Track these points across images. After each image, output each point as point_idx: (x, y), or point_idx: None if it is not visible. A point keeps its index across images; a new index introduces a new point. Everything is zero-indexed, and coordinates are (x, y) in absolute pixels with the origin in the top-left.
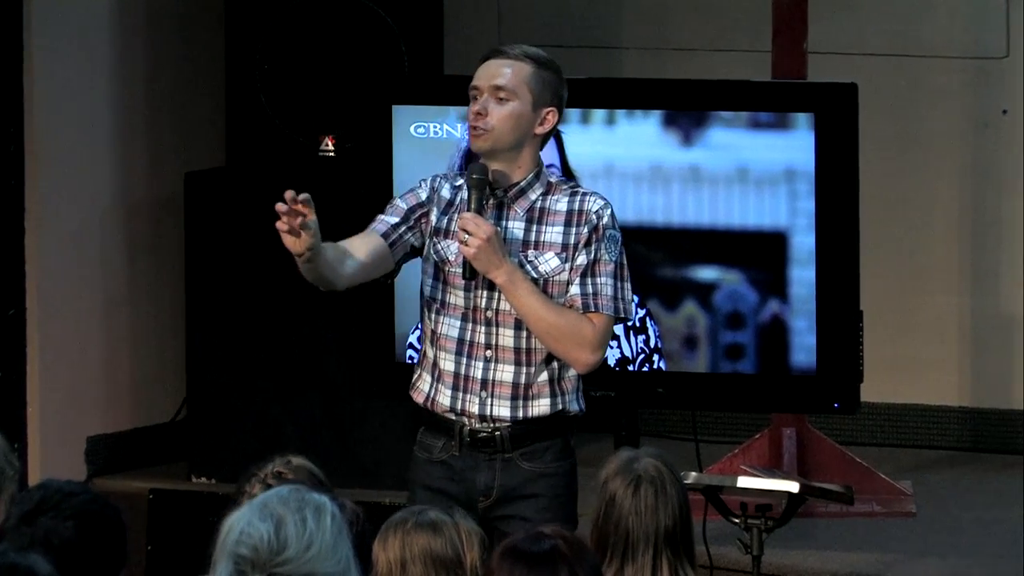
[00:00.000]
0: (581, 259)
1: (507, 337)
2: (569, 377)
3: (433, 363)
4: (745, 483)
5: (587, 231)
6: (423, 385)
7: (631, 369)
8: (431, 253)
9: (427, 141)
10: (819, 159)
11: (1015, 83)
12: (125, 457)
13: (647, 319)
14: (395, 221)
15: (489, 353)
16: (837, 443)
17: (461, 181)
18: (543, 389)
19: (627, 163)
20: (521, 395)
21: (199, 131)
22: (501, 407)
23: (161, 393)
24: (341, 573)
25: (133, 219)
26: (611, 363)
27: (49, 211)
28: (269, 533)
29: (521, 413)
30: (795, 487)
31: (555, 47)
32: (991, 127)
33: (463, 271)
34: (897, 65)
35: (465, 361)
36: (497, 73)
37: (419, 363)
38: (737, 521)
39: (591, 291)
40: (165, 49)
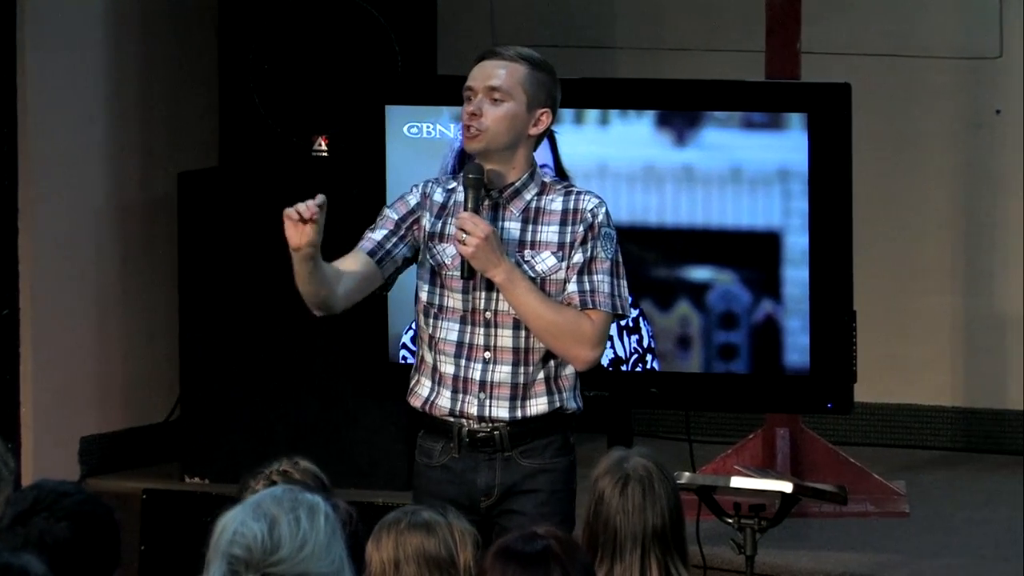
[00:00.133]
0: (578, 257)
1: (506, 338)
2: (566, 375)
3: (432, 367)
4: (739, 483)
5: (583, 229)
6: (422, 390)
7: (624, 369)
8: (427, 258)
9: (420, 141)
10: (812, 159)
11: (1009, 83)
12: (119, 457)
13: (640, 319)
14: (382, 236)
15: (488, 355)
16: (830, 443)
17: (453, 184)
18: (540, 388)
19: (621, 163)
20: (520, 395)
21: (192, 131)
22: (499, 408)
23: (154, 393)
24: (335, 573)
25: (126, 219)
26: (604, 363)
27: (42, 212)
28: (263, 533)
29: (520, 413)
30: (789, 487)
31: (549, 47)
32: (985, 127)
33: (461, 271)
34: (891, 65)
35: (464, 364)
36: (492, 74)
37: (416, 368)
38: (731, 521)
39: (588, 288)
40: (158, 49)
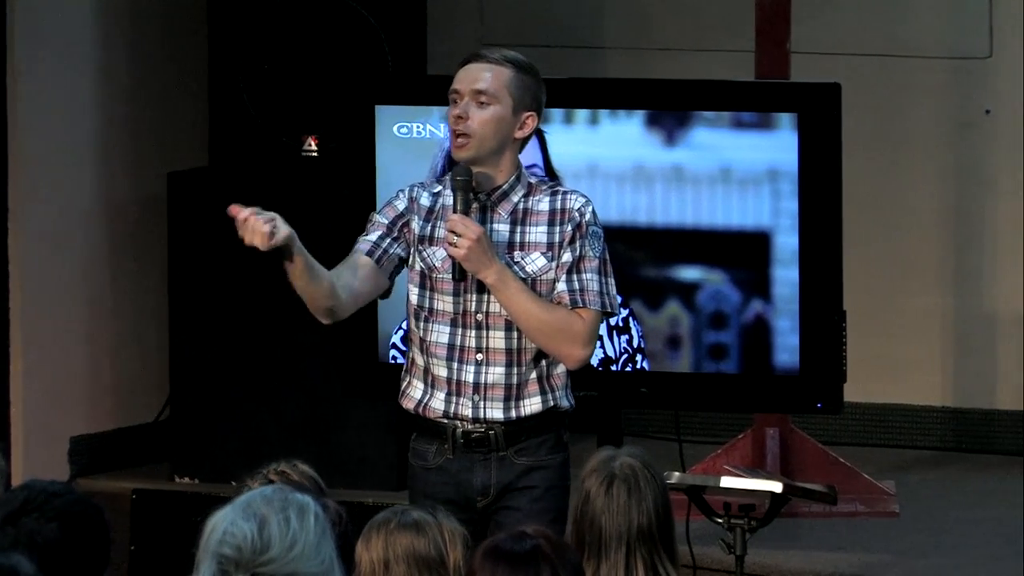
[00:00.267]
0: (566, 256)
1: (498, 339)
2: (558, 374)
3: (425, 369)
4: (728, 483)
5: (571, 229)
6: (414, 392)
7: (614, 369)
8: (417, 262)
9: (410, 141)
10: (802, 159)
11: (998, 83)
12: (108, 457)
13: (630, 319)
14: (377, 236)
15: (480, 356)
16: (820, 443)
17: (439, 188)
18: (534, 388)
19: (610, 163)
20: (513, 396)
21: (182, 131)
22: (493, 409)
23: (144, 393)
24: (324, 573)
25: (116, 219)
26: (594, 363)
27: (32, 212)
28: (252, 533)
29: (514, 413)
30: (778, 487)
31: (538, 47)
32: (974, 127)
33: (452, 272)
34: (880, 65)
35: (457, 366)
36: (478, 77)
37: (407, 370)
38: (720, 521)
39: (578, 287)
40: (148, 49)
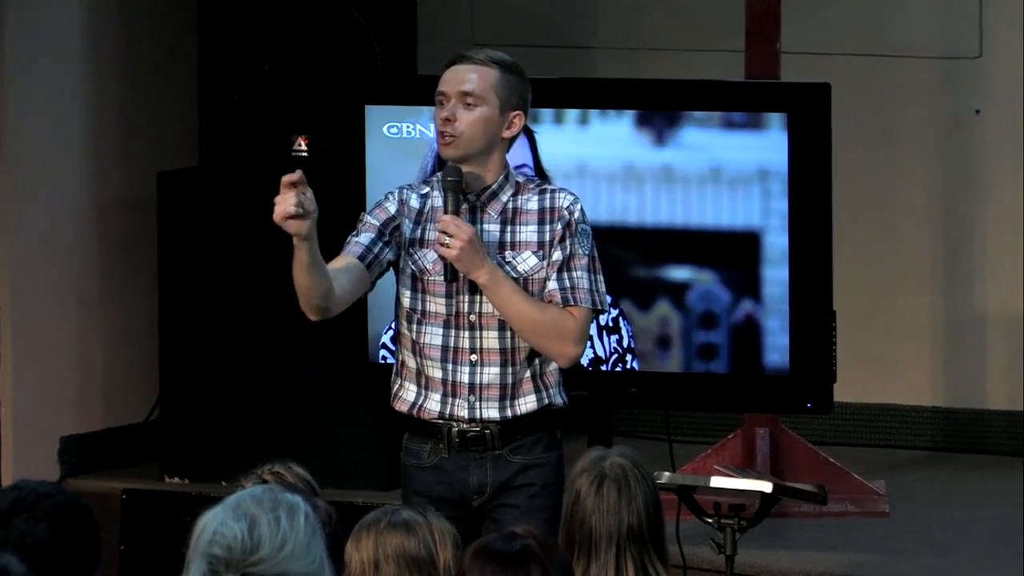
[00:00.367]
0: (557, 255)
1: (491, 339)
2: (551, 371)
3: (417, 371)
4: (718, 483)
5: (561, 227)
6: (407, 395)
7: (604, 369)
8: (408, 264)
9: (400, 141)
10: (792, 159)
11: (988, 83)
12: (98, 457)
13: (620, 319)
14: (368, 240)
15: (474, 357)
16: (810, 443)
17: (427, 190)
18: (528, 386)
19: (600, 163)
20: (509, 395)
21: (172, 131)
22: (489, 409)
23: (134, 393)
24: (314, 573)
25: (106, 219)
26: (584, 363)
27: (21, 211)
28: (243, 533)
29: (509, 412)
30: (768, 487)
31: (528, 47)
32: (964, 127)
33: (445, 273)
34: (870, 65)
35: (452, 368)
36: (464, 79)
37: (397, 373)
38: (710, 521)
39: (569, 285)
40: (138, 49)
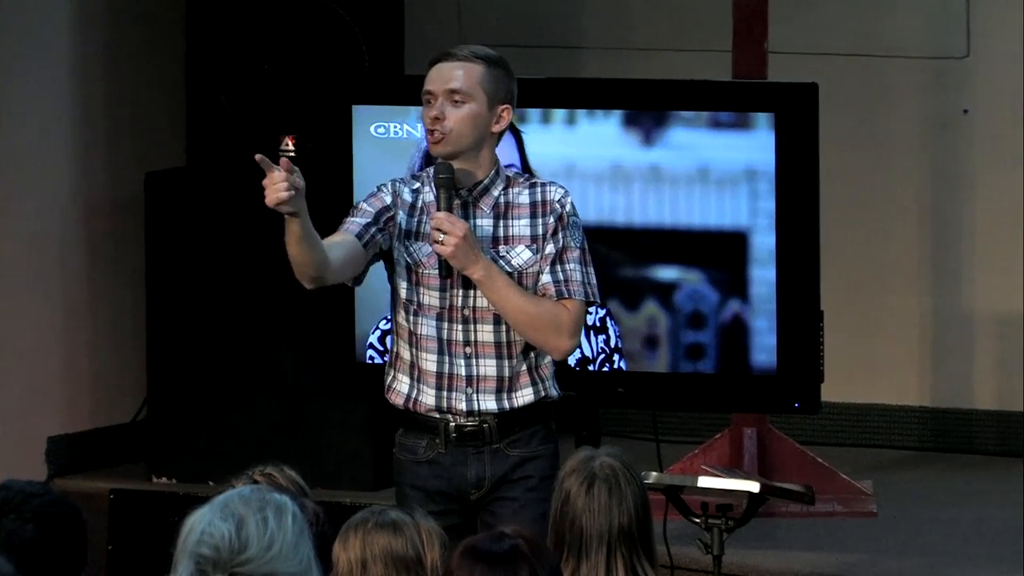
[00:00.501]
0: (549, 248)
1: (486, 333)
2: (545, 364)
3: (411, 364)
4: (706, 483)
5: (553, 220)
6: (400, 387)
7: (592, 369)
8: (402, 256)
9: (387, 141)
10: (779, 159)
11: (976, 83)
12: (86, 457)
13: (608, 319)
14: (365, 222)
15: (469, 350)
16: (798, 443)
17: (418, 185)
18: (525, 379)
19: (588, 163)
20: (506, 387)
21: (159, 131)
22: (487, 401)
23: (121, 393)
24: (302, 573)
25: (93, 219)
26: (572, 363)
27: (8, 211)
28: (230, 533)
29: (507, 404)
30: (756, 487)
31: (515, 47)
32: (952, 127)
33: (440, 270)
34: (858, 65)
35: (448, 360)
36: (450, 76)
37: (391, 364)
38: (698, 521)
39: (562, 278)
40: (125, 48)
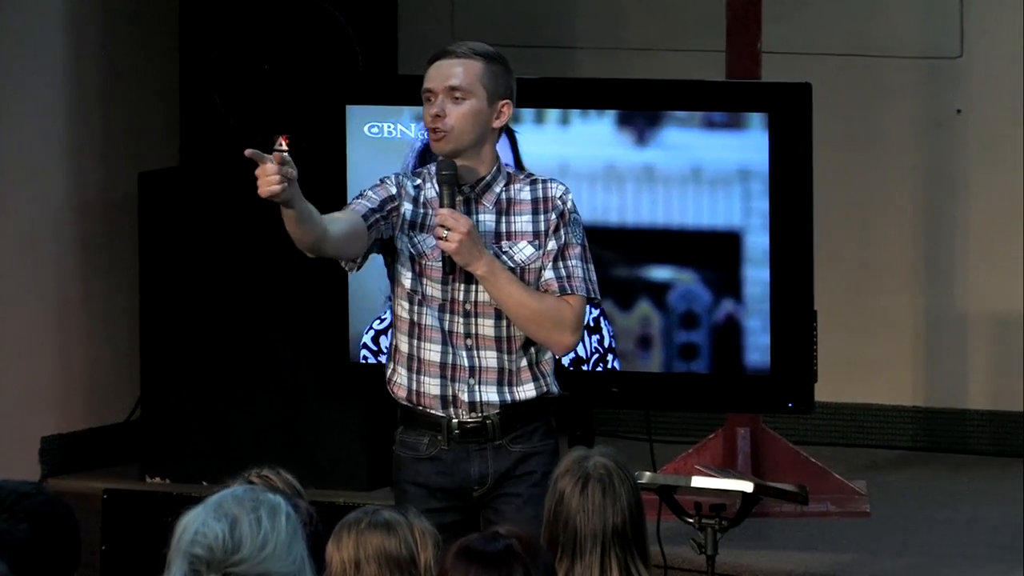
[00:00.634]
0: (551, 244)
1: (487, 327)
2: (546, 360)
3: (409, 355)
4: (699, 483)
5: (555, 217)
6: (400, 379)
7: (585, 369)
8: (406, 246)
9: (381, 141)
10: (773, 159)
11: (969, 83)
12: (79, 457)
13: (601, 319)
14: (371, 205)
15: (470, 342)
16: (791, 443)
17: (419, 181)
18: (526, 374)
19: (581, 163)
20: (507, 381)
21: (153, 131)
22: (489, 392)
23: (115, 393)
24: (296, 573)
25: (87, 219)
26: (565, 363)
27: (2, 211)
28: (224, 533)
29: (509, 397)
30: (749, 487)
31: (509, 47)
32: (945, 127)
33: (444, 265)
34: (851, 65)
35: (451, 350)
36: (450, 73)
37: (391, 358)
38: (691, 521)
39: (564, 274)
40: (119, 48)
